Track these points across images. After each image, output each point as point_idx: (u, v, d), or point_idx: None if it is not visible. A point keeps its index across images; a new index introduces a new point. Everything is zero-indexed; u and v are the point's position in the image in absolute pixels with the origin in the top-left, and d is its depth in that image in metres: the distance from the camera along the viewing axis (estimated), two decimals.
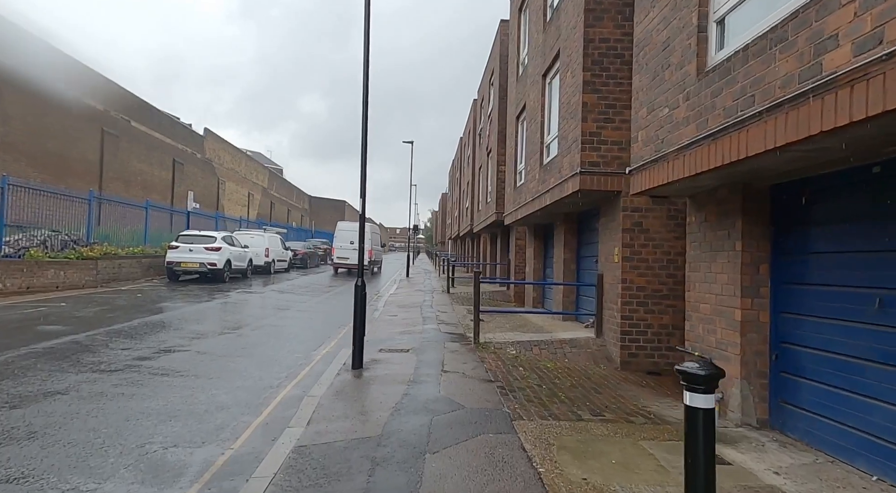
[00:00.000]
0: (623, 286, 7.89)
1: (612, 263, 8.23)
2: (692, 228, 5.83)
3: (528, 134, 12.27)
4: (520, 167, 14.01)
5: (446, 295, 17.41)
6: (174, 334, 8.68)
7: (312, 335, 9.58)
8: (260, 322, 10.60)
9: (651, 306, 7.88)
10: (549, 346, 8.54)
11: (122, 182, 25.30)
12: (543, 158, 10.97)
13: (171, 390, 5.63)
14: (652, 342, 7.86)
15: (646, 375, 7.65)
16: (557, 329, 10.02)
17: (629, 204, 7.95)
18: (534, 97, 11.75)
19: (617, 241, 8.08)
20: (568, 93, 8.78)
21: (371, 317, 12.15)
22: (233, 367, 6.84)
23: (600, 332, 8.71)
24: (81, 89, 21.91)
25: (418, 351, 8.04)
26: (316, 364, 7.30)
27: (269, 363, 7.19)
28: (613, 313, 8.13)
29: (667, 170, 5.05)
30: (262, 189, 48.03)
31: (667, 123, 5.12)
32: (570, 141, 8.62)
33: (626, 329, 7.87)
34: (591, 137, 8.00)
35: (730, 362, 4.99)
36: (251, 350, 7.94)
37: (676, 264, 7.88)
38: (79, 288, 14.03)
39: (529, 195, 11.79)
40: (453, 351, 8.14)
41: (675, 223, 7.91)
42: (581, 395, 5.95)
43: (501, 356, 7.90)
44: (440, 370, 6.79)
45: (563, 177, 8.84)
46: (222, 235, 18.92)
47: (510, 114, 15.41)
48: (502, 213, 16.97)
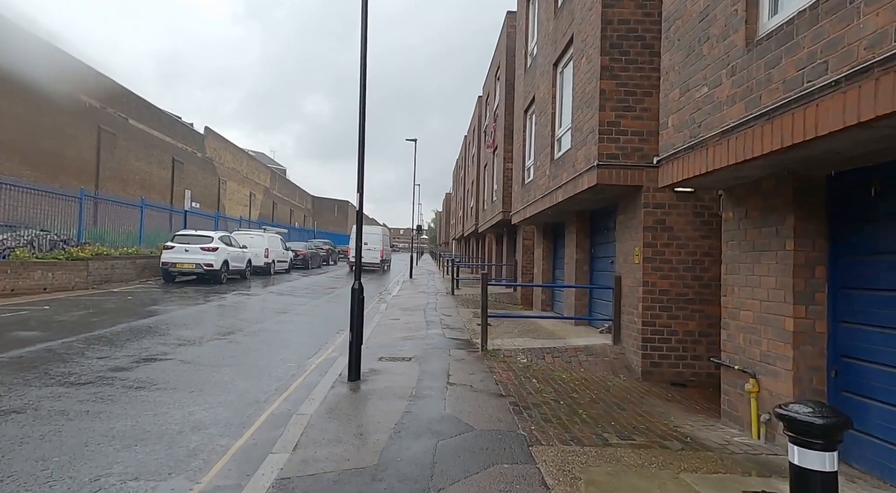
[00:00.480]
0: (644, 290, 7.24)
1: (632, 264, 7.59)
2: (729, 225, 5.17)
3: (538, 128, 11.63)
4: (528, 163, 13.37)
5: (451, 297, 16.78)
6: (159, 341, 8.08)
7: (309, 341, 8.96)
8: (254, 327, 9.99)
9: (675, 311, 7.22)
10: (563, 354, 7.90)
11: (120, 181, 24.80)
12: (554, 152, 10.32)
13: (144, 407, 5.02)
14: (676, 351, 7.20)
15: (670, 386, 7.00)
16: (570, 335, 9.37)
17: (651, 200, 7.30)
18: (543, 89, 11.11)
19: (637, 240, 7.43)
20: (583, 80, 8.14)
21: (372, 320, 11.53)
22: (217, 378, 6.23)
23: (618, 339, 8.06)
24: (76, 86, 21.40)
25: (421, 360, 7.41)
26: (310, 375, 6.68)
27: (258, 374, 6.58)
28: (633, 318, 7.48)
29: (705, 158, 4.41)
30: (265, 189, 47.53)
31: (705, 104, 4.47)
32: (585, 132, 7.98)
33: (647, 336, 7.22)
34: (609, 127, 7.35)
35: (779, 379, 4.33)
36: (241, 359, 7.32)
37: (703, 265, 7.22)
38: (68, 290, 13.47)
39: (539, 192, 11.14)
40: (459, 359, 7.50)
41: (700, 221, 7.26)
42: (603, 412, 5.31)
43: (512, 366, 7.26)
44: (445, 383, 6.15)
45: (578, 171, 8.20)
46: (219, 234, 18.34)
47: (517, 108, 14.78)
48: (509, 212, 16.33)
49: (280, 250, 24.83)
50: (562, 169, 9.35)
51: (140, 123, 26.57)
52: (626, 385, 6.77)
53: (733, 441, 4.54)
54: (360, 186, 6.28)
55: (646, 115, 7.32)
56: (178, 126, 31.38)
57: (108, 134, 23.71)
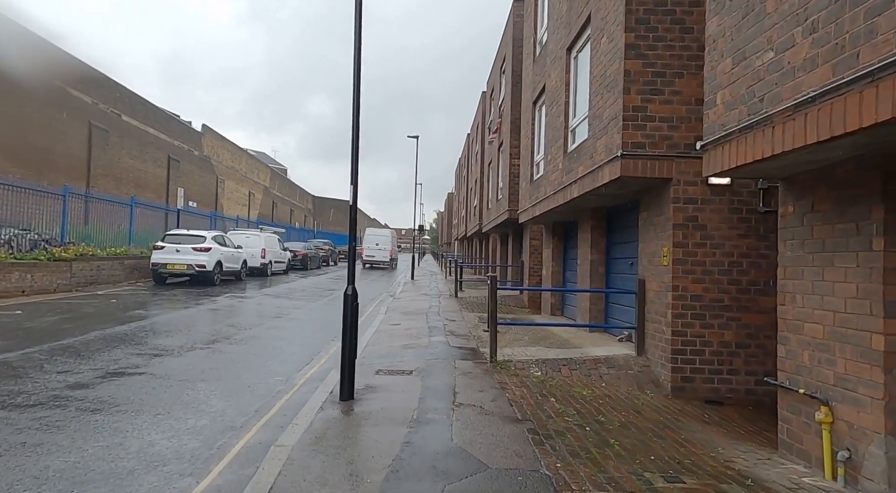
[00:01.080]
0: (674, 295, 6.44)
1: (659, 266, 6.78)
2: (789, 221, 4.37)
3: (549, 119, 10.84)
4: (537, 158, 12.57)
5: (454, 300, 15.98)
6: (133, 351, 7.30)
7: (300, 350, 8.18)
8: (243, 334, 9.21)
9: (709, 319, 6.42)
10: (581, 366, 7.10)
11: (113, 179, 24.05)
12: (568, 144, 9.52)
13: (96, 437, 4.24)
14: (710, 364, 6.40)
15: (704, 405, 6.19)
16: (586, 343, 8.56)
17: (682, 194, 6.50)
18: (555, 76, 10.31)
19: (666, 240, 6.63)
20: (603, 62, 7.34)
21: (371, 326, 10.75)
22: (190, 397, 5.44)
23: (642, 349, 7.25)
24: (66, 80, 20.66)
25: (424, 373, 6.61)
26: (297, 391, 5.89)
27: (238, 391, 5.79)
28: (661, 326, 6.68)
29: (770, 138, 3.61)
30: (264, 188, 46.79)
31: (770, 73, 3.67)
32: (605, 120, 7.18)
33: (678, 348, 6.41)
34: (634, 112, 6.55)
35: (862, 408, 3.53)
36: (222, 372, 6.54)
37: (740, 267, 6.42)
38: (49, 293, 12.71)
39: (550, 188, 10.35)
40: (466, 373, 6.71)
41: (738, 218, 6.45)
42: (639, 441, 4.51)
43: (525, 380, 6.46)
44: (451, 403, 5.36)
45: (597, 163, 7.40)
46: (213, 234, 17.57)
47: (525, 100, 13.98)
48: (516, 210, 15.53)
49: (277, 250, 24.07)
50: (577, 162, 8.55)
51: (134, 120, 25.83)
52: (656, 404, 5.97)
53: (804, 484, 3.74)
54: (354, 176, 5.50)
55: (676, 99, 6.52)
56: (174, 123, 30.64)
57: (99, 130, 22.96)
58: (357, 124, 5.51)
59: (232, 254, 18.54)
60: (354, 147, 5.43)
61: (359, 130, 5.46)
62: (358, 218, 5.82)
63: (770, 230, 6.41)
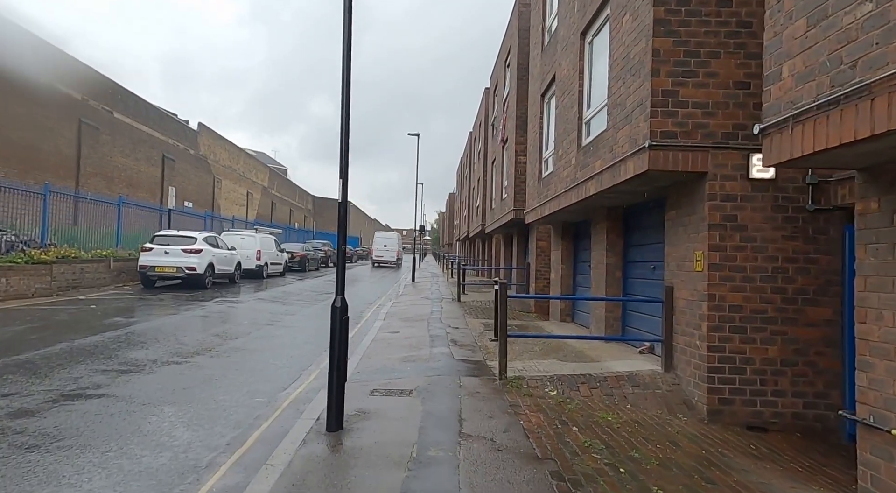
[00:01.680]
0: (710, 305, 5.64)
1: (691, 272, 5.99)
2: (871, 221, 3.58)
3: (560, 111, 10.05)
4: (546, 154, 11.78)
5: (457, 304, 15.19)
6: (98, 366, 6.52)
7: (289, 363, 7.40)
8: (227, 344, 8.43)
9: (751, 332, 5.62)
10: (602, 384, 6.30)
11: (104, 178, 23.31)
12: (582, 137, 8.74)
13: (21, 485, 3.45)
14: (752, 384, 5.60)
15: (747, 432, 5.40)
16: (604, 356, 7.77)
17: (718, 190, 5.71)
18: (567, 65, 9.52)
19: (700, 242, 5.83)
20: (626, 43, 6.55)
21: (367, 334, 9.97)
22: (153, 426, 4.66)
23: (670, 365, 6.46)
24: (54, 75, 19.88)
25: (425, 394, 5.82)
26: (279, 417, 5.11)
27: (212, 416, 5.01)
28: (694, 340, 5.88)
29: (870, 114, 2.82)
30: (263, 188, 46.04)
31: (869, 30, 2.88)
32: (629, 107, 6.39)
33: (715, 365, 5.62)
34: (664, 97, 5.76)
35: None
36: (195, 392, 5.76)
37: (786, 273, 5.62)
38: (26, 298, 11.93)
39: (562, 186, 9.56)
40: (473, 393, 5.92)
41: (783, 217, 5.66)
42: (686, 487, 3.71)
43: (541, 402, 5.67)
44: (457, 434, 4.57)
45: (618, 156, 6.61)
46: (204, 235, 16.80)
47: (532, 93, 13.19)
48: (522, 210, 14.73)
49: (273, 251, 23.30)
50: (594, 156, 7.76)
51: (126, 118, 25.06)
52: (693, 431, 5.17)
53: None
54: (344, 169, 4.70)
55: (711, 81, 5.72)
56: (168, 121, 29.88)
57: (89, 128, 22.21)
58: (347, 109, 4.72)
59: (225, 256, 17.76)
60: (344, 134, 4.64)
61: (348, 117, 4.67)
62: (358, 218, 5.13)
63: (820, 231, 5.63)
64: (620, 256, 9.01)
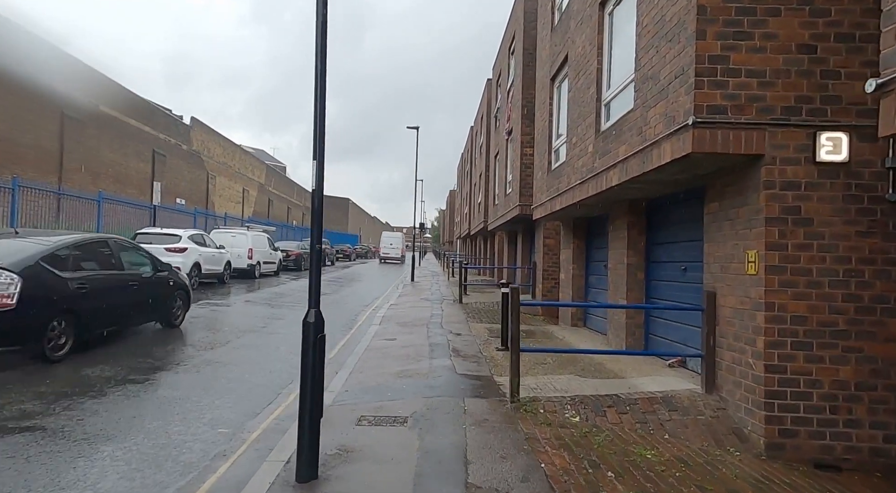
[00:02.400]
0: (768, 315, 4.65)
1: (742, 275, 5.00)
2: None
3: (574, 94, 9.04)
4: (556, 143, 10.78)
5: (459, 307, 14.20)
6: (36, 388, 5.53)
7: (266, 381, 6.42)
8: (199, 356, 7.45)
9: (818, 349, 4.63)
10: (633, 408, 5.31)
11: (89, 174, 22.27)
12: (601, 121, 7.74)
13: None
14: (820, 412, 4.62)
15: (815, 471, 4.41)
16: (628, 370, 6.79)
17: (777, 176, 4.71)
18: (583, 41, 8.51)
19: (753, 239, 4.84)
20: (660, 4, 5.54)
21: (361, 341, 9.00)
22: (78, 474, 3.68)
23: (712, 384, 5.47)
24: (33, 64, 18.86)
25: (422, 422, 4.84)
26: (241, 457, 4.12)
27: (155, 458, 4.02)
28: (746, 358, 4.89)
29: None
30: (259, 185, 45.02)
31: None
32: (664, 80, 5.39)
33: (774, 389, 4.63)
34: (712, 64, 4.76)
35: None
36: (145, 421, 4.77)
37: (861, 277, 4.63)
38: None
39: (576, 177, 8.56)
40: (481, 421, 4.93)
41: (857, 209, 4.66)
42: None
43: (563, 434, 4.68)
44: (463, 486, 3.58)
45: (650, 139, 5.61)
46: (190, 233, 15.81)
47: (540, 78, 12.18)
48: (528, 205, 13.74)
49: (266, 250, 22.31)
50: (616, 142, 6.76)
51: (113, 111, 24.02)
52: (752, 472, 4.18)
53: None
54: (320, 146, 3.70)
55: (769, 45, 4.72)
56: (159, 116, 28.83)
57: (73, 121, 21.19)
58: (322, 78, 3.72)
59: (213, 255, 16.77)
60: (319, 102, 3.63)
61: (324, 80, 3.67)
62: (358, 216, 4.26)
63: None
64: (643, 255, 8.02)
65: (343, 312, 13.20)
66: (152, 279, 8.81)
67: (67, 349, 6.70)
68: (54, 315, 6.51)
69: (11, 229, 8.46)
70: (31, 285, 6.14)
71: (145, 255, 9.03)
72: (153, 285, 8.81)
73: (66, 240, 7.28)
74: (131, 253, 8.68)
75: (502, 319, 8.70)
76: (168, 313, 9.26)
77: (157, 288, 8.92)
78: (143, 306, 8.58)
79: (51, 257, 6.68)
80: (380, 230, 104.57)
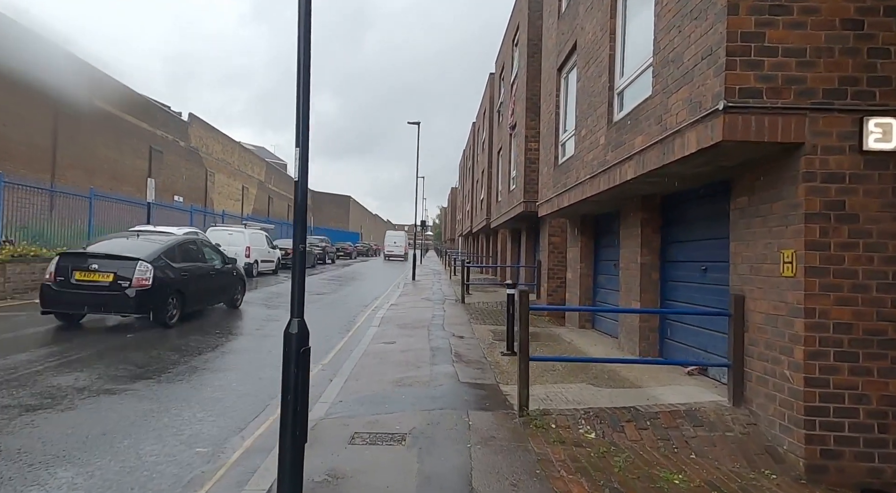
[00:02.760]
0: (808, 323, 4.17)
1: (776, 277, 4.51)
2: None
3: (583, 83, 8.55)
4: (563, 137, 10.29)
5: (461, 307, 13.72)
6: (1, 400, 5.08)
7: (257, 389, 5.96)
8: (185, 362, 6.99)
9: (864, 361, 4.15)
10: (654, 422, 4.84)
11: (84, 171, 21.86)
12: (614, 112, 7.24)
13: None
14: (867, 431, 4.13)
15: None
16: (645, 378, 6.31)
17: (818, 167, 4.22)
18: (594, 27, 8.02)
19: (790, 238, 4.35)
20: None
21: (359, 343, 8.54)
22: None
23: (740, 397, 4.99)
24: (24, 58, 18.40)
25: (422, 441, 4.37)
26: (219, 483, 3.66)
27: (119, 485, 3.56)
28: (781, 369, 4.41)
29: None
30: (259, 183, 44.61)
31: None
32: (688, 62, 4.90)
33: (815, 405, 4.14)
34: (745, 41, 4.26)
35: None
36: (115, 439, 4.30)
37: None
38: None
39: (586, 171, 8.07)
40: (487, 439, 4.46)
41: None
42: None
43: (578, 454, 4.21)
44: None
45: (671, 128, 5.12)
46: (183, 231, 15.29)
47: (546, 70, 11.68)
48: (533, 202, 13.26)
49: (265, 248, 21.84)
50: (632, 132, 6.27)
51: (108, 106, 23.58)
52: None
53: None
54: (304, 129, 3.22)
55: (810, 20, 4.22)
56: (156, 112, 28.39)
57: (67, 117, 20.75)
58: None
59: None
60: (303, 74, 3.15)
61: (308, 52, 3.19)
62: (359, 214, 3.85)
63: None
64: (658, 254, 7.54)
65: (341, 312, 12.75)
66: (222, 270, 11.23)
67: (177, 319, 9.29)
68: (170, 294, 9.09)
69: (134, 232, 10.93)
70: (158, 272, 8.83)
71: (218, 251, 11.62)
72: (223, 275, 11.27)
73: (174, 239, 10.07)
74: (209, 249, 11.26)
75: (508, 321, 8.23)
76: (232, 298, 11.81)
77: (225, 277, 11.39)
78: (217, 291, 11.10)
79: (166, 251, 9.35)
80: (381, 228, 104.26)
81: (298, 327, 3.18)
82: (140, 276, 8.50)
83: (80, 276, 8.40)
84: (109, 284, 8.40)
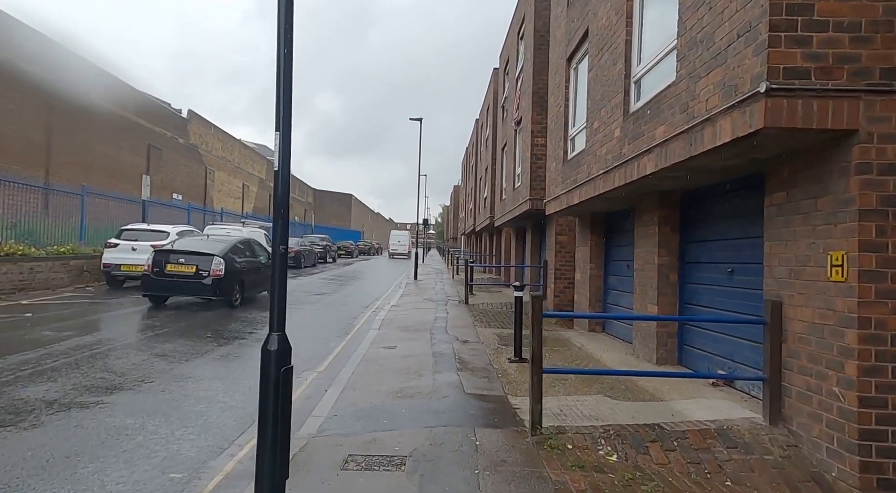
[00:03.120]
0: (862, 334, 3.66)
1: (823, 281, 4.00)
2: None
3: (595, 73, 8.04)
4: (573, 131, 9.78)
5: (465, 308, 13.24)
6: None
7: (242, 403, 5.48)
8: (170, 370, 6.52)
9: None
10: (682, 443, 4.34)
11: (80, 168, 21.39)
12: (630, 102, 6.74)
13: None
14: None
15: None
16: (665, 390, 5.80)
17: (874, 158, 3.71)
18: (606, 12, 7.51)
19: (840, 237, 3.84)
20: None
21: (358, 348, 8.07)
22: None
23: (778, 414, 4.49)
24: (15, 52, 17.95)
25: (424, 466, 3.88)
26: None
27: None
28: (829, 385, 3.91)
29: None
30: (259, 180, 44.16)
31: None
32: (721, 42, 4.39)
33: (871, 428, 3.64)
34: (790, 16, 3.76)
35: None
36: (79, 464, 3.83)
37: None
38: None
39: (599, 166, 7.57)
40: (497, 463, 3.97)
41: None
42: None
43: (600, 482, 3.71)
44: None
45: (701, 115, 4.62)
46: (179, 229, 14.91)
47: (554, 61, 11.17)
48: (540, 199, 12.75)
49: None
50: (652, 122, 5.77)
51: (106, 102, 23.11)
52: None
53: None
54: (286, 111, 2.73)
55: None
56: (155, 108, 27.94)
57: (62, 113, 20.30)
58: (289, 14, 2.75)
59: None
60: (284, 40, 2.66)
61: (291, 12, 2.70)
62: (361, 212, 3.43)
63: None
64: (676, 254, 7.04)
65: (341, 313, 12.27)
66: (267, 264, 12.99)
67: (239, 302, 11.87)
68: (235, 282, 11.65)
69: (204, 235, 14.27)
70: (227, 265, 11.31)
71: (264, 248, 13.86)
72: (268, 269, 12.22)
73: (235, 239, 12.90)
74: (259, 247, 13.73)
75: (515, 326, 7.75)
76: None
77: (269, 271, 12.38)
78: (264, 281, 12.99)
79: (231, 249, 11.91)
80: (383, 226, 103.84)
81: (279, 342, 2.72)
82: (216, 267, 11.00)
83: (170, 267, 10.94)
84: (193, 274, 10.92)
